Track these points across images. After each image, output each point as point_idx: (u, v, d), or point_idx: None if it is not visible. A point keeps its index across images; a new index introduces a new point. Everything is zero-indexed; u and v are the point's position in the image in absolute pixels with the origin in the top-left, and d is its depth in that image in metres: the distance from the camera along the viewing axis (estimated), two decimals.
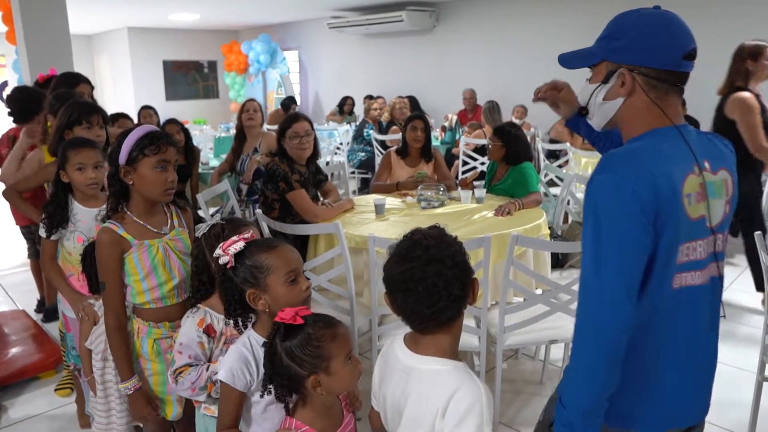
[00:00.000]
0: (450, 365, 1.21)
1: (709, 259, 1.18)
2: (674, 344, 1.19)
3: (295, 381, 1.28)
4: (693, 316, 1.19)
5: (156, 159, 1.72)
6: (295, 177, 3.03)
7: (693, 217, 1.13)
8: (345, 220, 2.97)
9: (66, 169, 2.16)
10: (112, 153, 1.75)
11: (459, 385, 1.17)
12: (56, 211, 2.17)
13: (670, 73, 1.17)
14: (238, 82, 12.40)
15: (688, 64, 1.17)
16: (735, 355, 3.17)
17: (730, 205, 1.21)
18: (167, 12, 10.06)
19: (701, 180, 1.14)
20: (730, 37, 6.22)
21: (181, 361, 1.62)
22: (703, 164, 1.16)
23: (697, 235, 1.15)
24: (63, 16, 5.27)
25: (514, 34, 8.22)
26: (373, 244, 2.31)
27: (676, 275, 1.14)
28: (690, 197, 1.12)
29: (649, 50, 1.17)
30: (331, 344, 1.28)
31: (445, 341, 1.23)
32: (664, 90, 1.17)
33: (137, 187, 1.75)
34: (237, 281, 1.45)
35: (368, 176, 6.67)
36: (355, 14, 10.06)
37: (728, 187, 1.21)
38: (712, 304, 1.23)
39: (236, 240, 1.46)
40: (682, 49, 1.16)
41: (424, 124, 3.80)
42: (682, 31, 1.17)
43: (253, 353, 1.43)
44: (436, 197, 3.28)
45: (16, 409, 2.84)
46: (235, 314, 1.49)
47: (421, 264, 1.20)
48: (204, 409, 1.66)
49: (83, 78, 3.27)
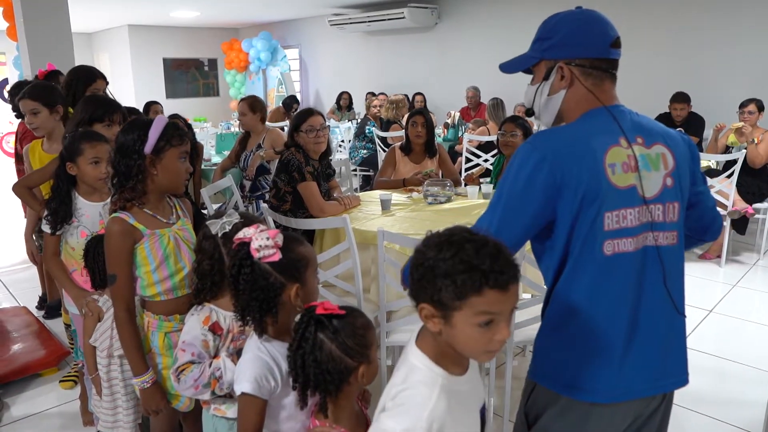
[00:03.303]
0: (425, 366, 1.12)
1: (642, 228, 1.24)
2: (614, 312, 1.24)
3: (344, 374, 1.24)
4: (632, 284, 1.25)
5: (181, 149, 1.71)
6: (308, 169, 3.00)
7: (620, 185, 1.22)
8: (351, 216, 2.94)
9: (77, 162, 2.12)
10: (130, 143, 1.69)
11: (416, 387, 1.10)
12: (60, 206, 2.13)
13: (601, 61, 1.29)
14: (238, 80, 12.36)
15: (616, 52, 1.30)
16: (747, 353, 3.14)
17: (673, 179, 1.28)
18: (168, 9, 10.03)
19: (630, 152, 1.24)
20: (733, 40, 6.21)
21: (183, 358, 1.58)
22: (635, 138, 1.26)
23: (626, 204, 1.22)
24: (64, 12, 5.24)
25: (517, 31, 8.17)
26: (382, 239, 2.27)
27: (606, 241, 1.22)
28: (615, 167, 1.22)
29: (579, 43, 1.30)
30: (371, 332, 1.28)
31: (430, 341, 1.13)
32: (599, 77, 1.29)
33: (159, 177, 1.71)
34: (278, 276, 1.36)
35: (370, 173, 6.63)
36: (356, 11, 10.03)
37: (666, 160, 1.28)
38: (654, 274, 1.26)
39: (275, 230, 1.37)
40: (608, 39, 1.29)
41: (424, 120, 3.77)
42: (604, 23, 1.30)
43: (272, 356, 1.38)
44: (442, 192, 3.24)
45: (18, 407, 2.81)
46: (264, 315, 1.37)
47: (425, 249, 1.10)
48: (213, 410, 1.62)
49: (99, 73, 3.16)
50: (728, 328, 3.52)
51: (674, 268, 1.30)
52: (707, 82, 6.37)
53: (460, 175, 4.70)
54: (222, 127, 8.60)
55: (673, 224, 1.29)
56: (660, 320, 1.28)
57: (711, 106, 5.89)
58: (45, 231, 2.16)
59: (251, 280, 1.37)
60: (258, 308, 1.37)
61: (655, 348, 1.27)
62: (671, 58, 6.76)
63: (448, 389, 1.11)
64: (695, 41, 6.53)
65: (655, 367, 1.28)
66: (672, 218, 1.29)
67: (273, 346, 1.39)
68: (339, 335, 1.23)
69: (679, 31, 6.68)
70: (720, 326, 3.56)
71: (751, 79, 6.07)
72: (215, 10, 10.33)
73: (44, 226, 2.15)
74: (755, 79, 6.03)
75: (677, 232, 1.30)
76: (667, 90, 5.68)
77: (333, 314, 1.25)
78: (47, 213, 2.14)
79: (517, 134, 3.52)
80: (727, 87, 6.19)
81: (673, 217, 1.29)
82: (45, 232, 2.17)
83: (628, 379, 1.25)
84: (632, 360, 1.25)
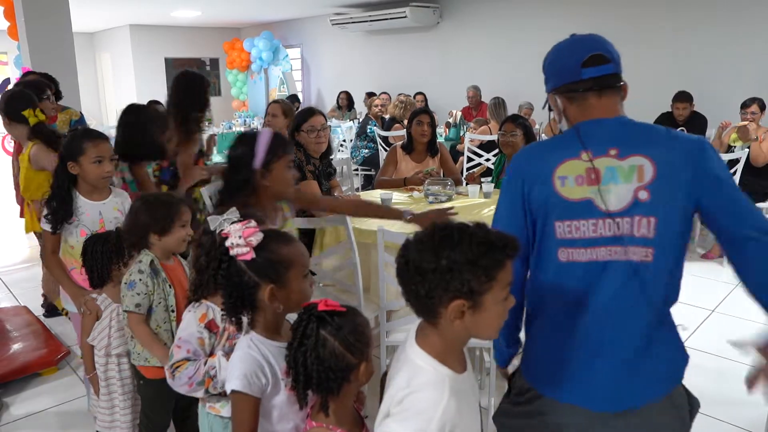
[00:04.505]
0: (431, 367, 1.12)
1: (604, 241, 1.25)
2: (573, 317, 1.29)
3: (346, 371, 1.22)
4: (589, 293, 1.28)
5: (289, 158, 1.86)
6: (309, 167, 3.00)
7: (569, 197, 1.27)
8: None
9: (79, 161, 2.10)
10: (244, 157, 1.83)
11: (423, 389, 1.10)
12: (60, 205, 2.12)
13: (577, 83, 1.33)
14: (240, 80, 12.35)
15: (589, 70, 1.31)
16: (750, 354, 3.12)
17: (649, 192, 1.23)
18: (169, 9, 10.02)
19: (589, 165, 1.27)
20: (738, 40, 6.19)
21: (179, 355, 1.57)
22: (605, 150, 1.27)
23: (578, 215, 1.27)
24: (65, 11, 5.24)
25: (519, 30, 8.16)
26: (381, 237, 2.26)
27: (560, 249, 1.30)
28: (566, 179, 1.28)
29: (555, 73, 1.38)
30: (369, 330, 1.28)
31: (435, 340, 1.14)
32: (582, 97, 1.33)
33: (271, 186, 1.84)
34: (251, 275, 1.35)
35: (372, 173, 6.62)
36: (357, 11, 10.01)
37: (643, 172, 1.24)
38: (625, 288, 1.26)
39: (253, 229, 1.36)
40: (578, 60, 1.32)
41: (430, 119, 3.76)
42: (580, 47, 1.34)
43: (262, 354, 1.36)
44: (443, 192, 3.23)
45: (17, 406, 2.80)
46: (239, 312, 1.39)
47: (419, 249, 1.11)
48: (208, 408, 1.61)
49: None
50: (730, 328, 3.51)
51: (652, 283, 1.26)
52: (709, 82, 6.34)
53: (461, 174, 4.69)
54: (224, 127, 8.61)
55: (645, 240, 1.24)
56: (628, 336, 1.27)
57: (713, 105, 5.87)
58: (45, 229, 2.15)
59: (226, 276, 1.37)
60: (232, 305, 1.37)
61: (616, 363, 1.27)
62: (673, 57, 6.73)
63: (455, 389, 1.11)
64: (698, 40, 6.50)
65: (612, 385, 1.28)
66: (644, 233, 1.24)
67: (264, 344, 1.38)
68: (342, 332, 1.22)
69: (681, 30, 6.65)
70: (722, 326, 3.54)
71: (753, 78, 6.04)
72: (216, 9, 10.32)
73: (44, 225, 2.14)
74: (758, 78, 6.00)
75: (653, 249, 1.24)
76: (670, 89, 5.66)
77: (334, 311, 1.25)
78: (47, 212, 2.13)
79: (517, 134, 3.51)
80: (730, 86, 6.16)
81: (646, 232, 1.23)
82: (45, 230, 2.17)
83: (576, 385, 1.30)
84: (582, 368, 1.30)
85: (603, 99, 1.32)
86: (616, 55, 1.34)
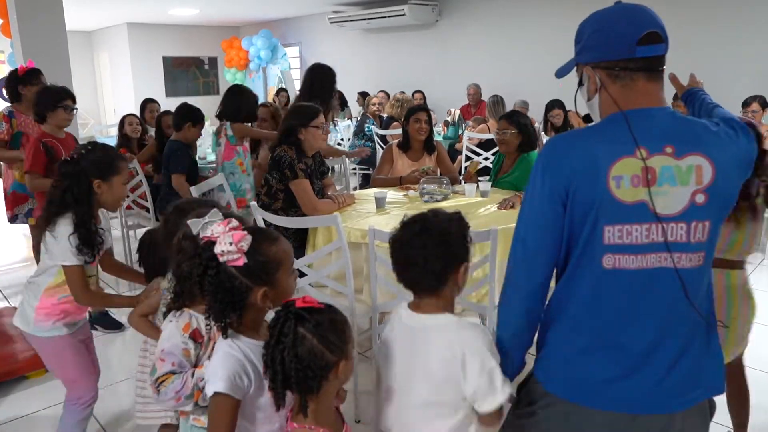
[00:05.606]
0: (449, 319, 1.37)
1: (652, 247, 1.16)
2: (603, 322, 1.21)
3: (325, 370, 1.19)
4: (629, 301, 1.19)
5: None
6: (300, 166, 2.93)
7: (624, 200, 1.14)
8: (344, 214, 2.87)
9: (112, 181, 1.97)
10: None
11: (465, 334, 1.34)
12: (89, 235, 1.93)
13: (627, 61, 1.20)
14: (238, 78, 12.29)
15: (646, 49, 1.19)
16: (753, 355, 3.06)
17: (707, 195, 1.14)
18: (167, 7, 9.97)
19: (643, 164, 1.14)
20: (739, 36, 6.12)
21: (163, 368, 1.47)
22: (661, 148, 1.15)
23: (631, 219, 1.14)
24: (58, 8, 5.18)
25: (518, 28, 8.11)
26: (372, 237, 2.21)
27: (606, 255, 1.17)
28: (621, 180, 1.14)
29: (602, 45, 1.22)
30: (349, 328, 1.25)
31: (438, 302, 1.38)
32: (630, 77, 1.20)
33: None
34: (243, 280, 1.29)
35: (369, 172, 6.57)
36: (356, 9, 9.96)
37: (701, 174, 1.14)
38: (671, 297, 1.18)
39: (241, 234, 1.29)
40: (634, 36, 1.18)
41: (427, 116, 3.71)
42: (634, 20, 1.20)
43: (244, 354, 1.31)
44: (439, 191, 3.17)
45: (2, 410, 2.75)
46: (226, 317, 1.32)
47: (411, 234, 1.38)
48: (193, 420, 1.53)
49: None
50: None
51: (696, 288, 1.20)
52: (711, 80, 6.25)
53: (459, 173, 4.63)
54: None
55: (699, 245, 1.17)
56: (673, 343, 1.21)
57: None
58: (73, 264, 1.93)
59: (216, 282, 1.30)
60: (221, 310, 1.31)
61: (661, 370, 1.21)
62: (674, 55, 6.63)
63: None
64: (699, 39, 6.45)
65: (656, 389, 1.21)
66: (699, 238, 1.17)
67: (243, 343, 1.32)
68: (320, 329, 1.19)
69: (682, 28, 6.59)
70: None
71: (755, 76, 6.00)
72: (214, 7, 10.27)
73: (75, 258, 1.92)
74: (759, 76, 5.95)
75: (704, 252, 1.18)
76: (669, 88, 5.58)
77: (312, 308, 1.21)
78: (77, 243, 1.91)
79: (507, 132, 3.42)
80: (731, 85, 6.11)
81: (701, 237, 1.17)
82: (71, 267, 1.94)
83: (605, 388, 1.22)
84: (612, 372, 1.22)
85: (650, 84, 1.20)
86: (666, 34, 1.21)
